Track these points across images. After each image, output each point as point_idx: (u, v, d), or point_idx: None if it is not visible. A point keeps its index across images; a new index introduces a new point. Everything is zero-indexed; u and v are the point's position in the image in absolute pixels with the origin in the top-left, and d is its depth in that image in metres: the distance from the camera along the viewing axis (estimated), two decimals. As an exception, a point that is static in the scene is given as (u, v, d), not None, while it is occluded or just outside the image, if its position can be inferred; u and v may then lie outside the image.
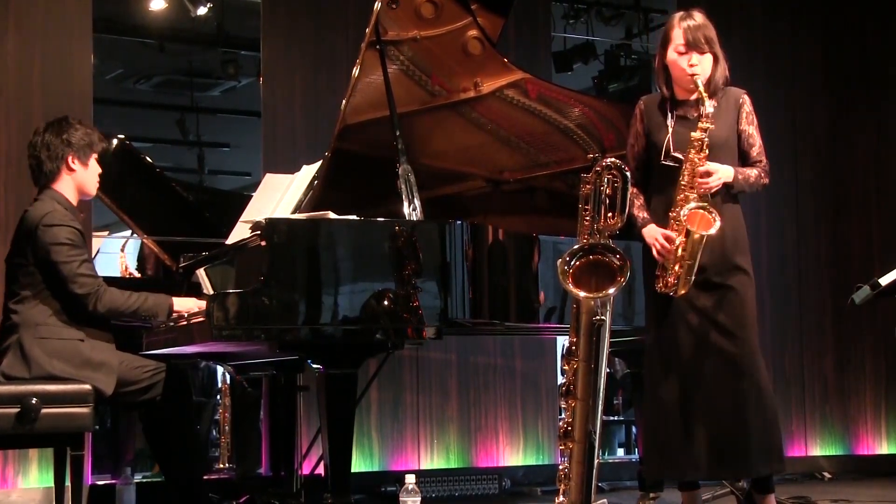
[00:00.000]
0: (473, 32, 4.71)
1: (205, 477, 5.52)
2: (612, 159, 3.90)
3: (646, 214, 4.20)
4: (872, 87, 7.69)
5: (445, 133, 4.95)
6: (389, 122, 4.47)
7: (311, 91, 6.40)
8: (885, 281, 4.82)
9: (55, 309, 4.37)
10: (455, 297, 4.19)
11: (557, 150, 5.07)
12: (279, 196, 4.60)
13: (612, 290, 3.74)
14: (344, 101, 4.48)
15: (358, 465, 6.10)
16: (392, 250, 4.14)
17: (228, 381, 6.20)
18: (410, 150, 4.46)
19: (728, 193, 4.18)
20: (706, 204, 4.05)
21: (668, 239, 4.08)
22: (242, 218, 4.66)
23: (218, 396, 6.74)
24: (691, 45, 4.15)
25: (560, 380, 3.93)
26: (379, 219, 4.21)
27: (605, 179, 3.87)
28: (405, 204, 4.30)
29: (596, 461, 3.79)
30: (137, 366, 4.46)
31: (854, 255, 7.51)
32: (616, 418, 9.62)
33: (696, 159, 4.06)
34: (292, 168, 4.76)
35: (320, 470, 4.40)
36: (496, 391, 6.71)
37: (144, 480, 5.82)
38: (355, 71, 4.44)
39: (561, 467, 3.85)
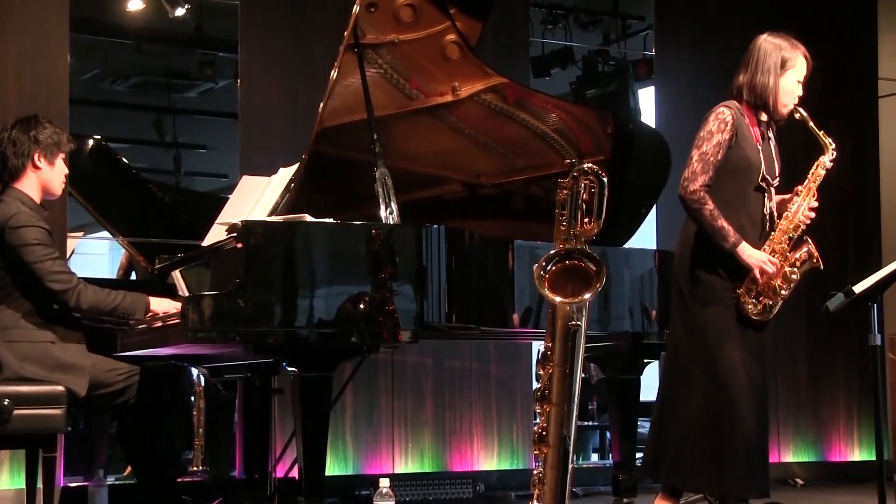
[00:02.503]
0: (452, 37, 4.71)
1: (178, 479, 5.50)
2: (590, 165, 3.91)
3: (734, 229, 4.15)
4: (847, 92, 7.74)
5: (423, 137, 4.95)
6: (367, 126, 4.47)
7: (289, 93, 6.39)
8: (859, 288, 4.85)
9: (25, 311, 4.35)
10: (431, 301, 4.20)
11: (535, 155, 5.08)
12: (256, 198, 4.59)
13: (587, 296, 3.75)
14: (321, 104, 4.48)
15: (332, 468, 6.09)
16: (368, 253, 4.14)
17: (203, 384, 6.17)
18: (387, 153, 4.46)
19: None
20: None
21: (775, 264, 4.17)
22: (219, 220, 4.64)
23: (192, 399, 6.72)
24: (805, 79, 4.31)
25: (535, 384, 3.93)
26: (355, 222, 4.21)
27: (582, 185, 3.88)
28: (382, 207, 4.30)
29: (570, 466, 3.79)
30: (110, 368, 4.44)
31: (828, 263, 7.52)
32: (591, 423, 9.63)
33: (814, 189, 4.24)
34: (269, 170, 4.76)
35: (294, 473, 4.40)
36: (471, 395, 6.71)
37: (117, 483, 5.80)
38: (333, 74, 4.44)
39: (535, 472, 3.85)
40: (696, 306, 4.21)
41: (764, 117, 4.29)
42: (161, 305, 4.40)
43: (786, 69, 4.27)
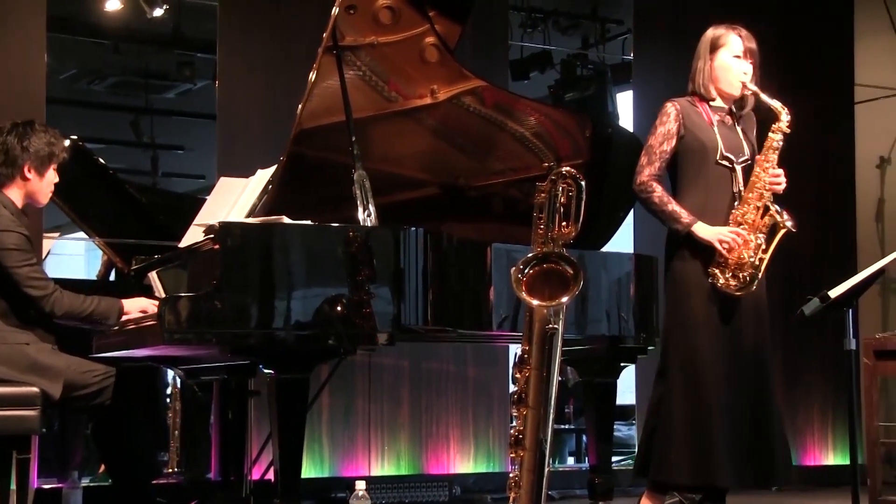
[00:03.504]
0: (431, 39, 4.71)
1: (153, 481, 5.48)
2: (568, 168, 3.92)
3: (687, 211, 4.28)
4: (825, 96, 7.78)
5: (401, 139, 4.95)
6: (345, 128, 4.47)
7: (268, 95, 6.38)
8: (834, 293, 4.87)
9: (1, 312, 4.33)
10: (408, 304, 4.19)
11: (513, 158, 5.08)
12: (233, 200, 4.58)
13: (565, 299, 3.75)
14: (300, 106, 4.47)
15: (308, 470, 6.08)
16: (346, 256, 4.13)
17: (179, 386, 6.15)
18: (366, 155, 4.46)
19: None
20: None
21: (738, 234, 4.20)
22: (196, 221, 4.63)
23: (168, 400, 6.70)
24: (747, 53, 4.37)
25: (512, 388, 3.93)
26: (333, 224, 4.20)
27: (560, 188, 3.89)
28: (360, 209, 4.30)
29: (546, 469, 3.79)
30: (86, 370, 4.42)
31: (804, 268, 7.57)
32: (567, 427, 9.65)
33: (772, 158, 4.26)
34: (247, 172, 4.74)
35: (270, 475, 4.38)
36: (448, 398, 6.71)
37: (92, 484, 5.77)
38: (312, 76, 4.43)
39: (511, 475, 3.85)
40: (671, 305, 4.37)
41: (719, 102, 4.40)
42: (135, 305, 4.38)
43: (717, 50, 4.40)
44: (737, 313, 4.28)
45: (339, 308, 4.08)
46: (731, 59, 4.38)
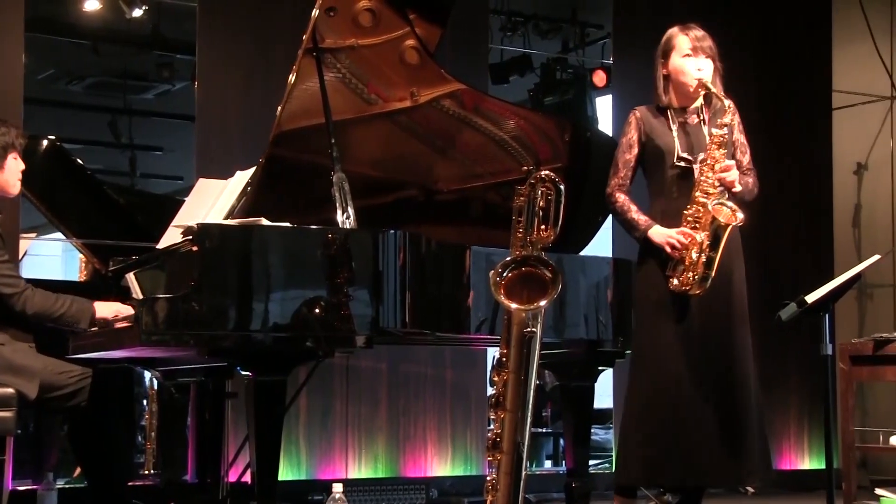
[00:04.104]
0: (411, 42, 4.71)
1: (129, 483, 5.46)
2: (547, 172, 3.92)
3: (646, 217, 4.32)
4: (803, 102, 7.82)
5: (381, 142, 4.94)
6: (325, 130, 4.46)
7: (247, 96, 6.37)
8: (811, 298, 4.89)
9: (-28, 312, 4.31)
10: (387, 306, 4.19)
11: (492, 162, 5.09)
12: (212, 201, 4.57)
13: (543, 303, 3.75)
14: (279, 108, 4.47)
15: (285, 473, 6.07)
16: (324, 258, 4.13)
17: (156, 387, 6.13)
18: (345, 157, 4.45)
19: (730, 193, 4.31)
20: (726, 200, 4.22)
21: (684, 235, 4.18)
22: (174, 222, 4.62)
23: (144, 402, 6.68)
24: (698, 50, 4.35)
25: (490, 391, 3.93)
26: (312, 226, 4.20)
27: (539, 192, 3.89)
28: (339, 212, 4.29)
29: (523, 473, 3.80)
30: (62, 371, 4.40)
31: (782, 273, 7.60)
32: (544, 430, 9.66)
33: (716, 154, 4.21)
34: (226, 173, 4.73)
35: (247, 477, 4.37)
36: (426, 401, 6.71)
37: (67, 486, 5.75)
38: (291, 77, 4.42)
39: (489, 478, 3.85)
40: (635, 311, 4.45)
41: (678, 104, 4.39)
42: (107, 310, 4.36)
43: (669, 54, 4.41)
44: (698, 314, 4.28)
45: (317, 310, 4.07)
46: (681, 60, 4.37)
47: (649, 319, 4.34)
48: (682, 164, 4.31)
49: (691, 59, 4.35)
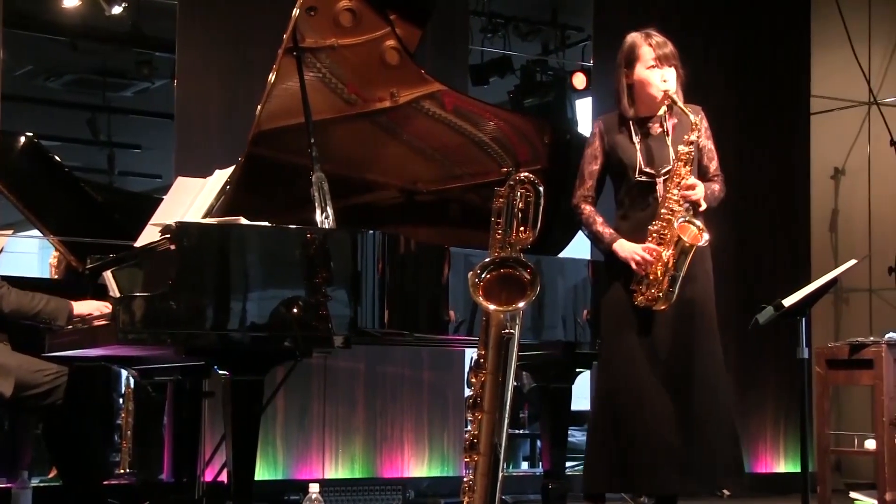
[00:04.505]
0: (391, 42, 4.70)
1: (105, 482, 5.43)
2: (526, 174, 3.92)
3: (611, 230, 4.29)
4: (780, 109, 7.85)
5: (361, 142, 4.94)
6: (304, 130, 4.45)
7: (226, 95, 6.35)
8: (788, 302, 4.92)
9: (-53, 310, 4.29)
10: (365, 307, 4.18)
11: (472, 163, 5.09)
12: (190, 200, 4.55)
13: (521, 304, 3.75)
14: (259, 107, 4.46)
15: (261, 473, 6.06)
16: (303, 258, 4.12)
17: (132, 386, 6.11)
18: (325, 157, 4.45)
19: (696, 209, 4.28)
20: (691, 217, 4.17)
21: (649, 251, 4.15)
22: (152, 221, 4.60)
23: (121, 400, 6.65)
24: (662, 60, 4.28)
25: (467, 392, 3.93)
26: (291, 226, 4.19)
27: (519, 193, 3.89)
28: (318, 212, 4.29)
29: (500, 474, 3.79)
30: (38, 369, 4.38)
31: (759, 276, 7.64)
32: (522, 432, 9.67)
33: (682, 172, 4.17)
34: (205, 172, 4.72)
35: (223, 477, 4.36)
36: (403, 402, 6.71)
37: (42, 485, 5.72)
38: (271, 77, 4.42)
39: (465, 479, 3.85)
40: (602, 320, 4.43)
41: (642, 113, 4.36)
42: (84, 309, 4.34)
43: (633, 64, 4.35)
44: (663, 327, 4.26)
45: (295, 310, 4.06)
46: (646, 72, 4.32)
47: (615, 330, 4.34)
48: (644, 178, 4.29)
49: (656, 71, 4.30)
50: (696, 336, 4.29)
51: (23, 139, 5.49)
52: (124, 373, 5.69)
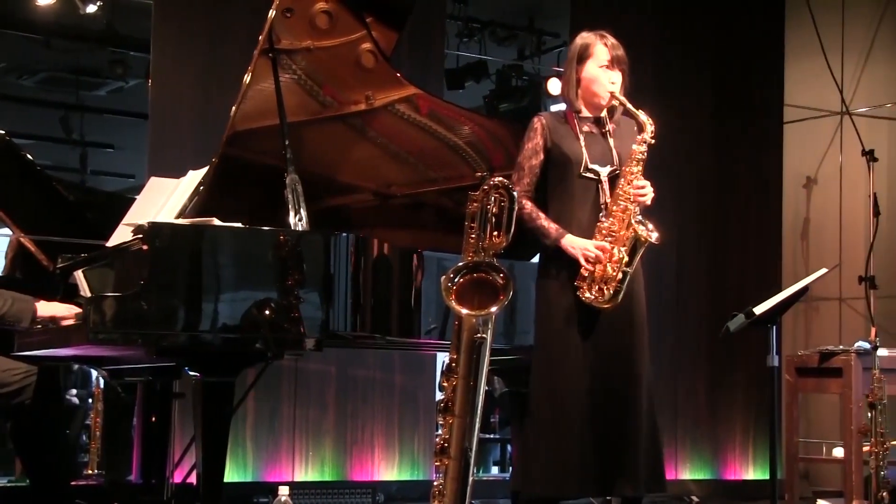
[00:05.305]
0: (367, 45, 4.70)
1: (73, 482, 5.40)
2: (500, 178, 3.93)
3: (557, 225, 4.21)
4: (755, 116, 7.90)
5: (335, 145, 4.94)
6: (279, 131, 4.45)
7: (201, 95, 6.33)
8: (759, 310, 4.94)
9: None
10: (337, 310, 4.18)
11: (446, 167, 5.09)
12: (163, 200, 4.54)
13: (494, 309, 3.76)
14: (234, 108, 4.44)
15: (231, 475, 6.04)
16: (276, 260, 4.11)
17: (102, 386, 6.08)
18: (299, 159, 4.44)
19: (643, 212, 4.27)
20: (642, 218, 4.17)
21: (601, 249, 4.14)
22: (125, 220, 4.58)
23: (90, 400, 6.62)
24: (614, 62, 4.28)
25: (439, 396, 3.93)
26: (264, 227, 4.18)
27: (493, 198, 3.90)
28: (291, 214, 4.28)
29: (471, 478, 3.80)
30: (6, 368, 4.36)
31: (730, 284, 7.67)
32: (492, 436, 9.68)
33: (634, 170, 4.17)
34: (178, 172, 4.71)
35: (192, 479, 4.35)
36: (374, 405, 6.70)
37: (9, 485, 5.69)
38: (246, 78, 4.40)
39: (435, 483, 3.85)
40: (536, 321, 4.30)
41: (587, 112, 4.33)
42: (49, 310, 4.32)
43: (584, 61, 4.33)
44: (603, 327, 4.19)
45: (267, 312, 4.06)
46: (597, 70, 4.30)
47: (554, 331, 4.22)
48: (590, 174, 4.24)
49: (607, 71, 4.29)
50: (635, 340, 4.21)
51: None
52: (94, 373, 5.66)
